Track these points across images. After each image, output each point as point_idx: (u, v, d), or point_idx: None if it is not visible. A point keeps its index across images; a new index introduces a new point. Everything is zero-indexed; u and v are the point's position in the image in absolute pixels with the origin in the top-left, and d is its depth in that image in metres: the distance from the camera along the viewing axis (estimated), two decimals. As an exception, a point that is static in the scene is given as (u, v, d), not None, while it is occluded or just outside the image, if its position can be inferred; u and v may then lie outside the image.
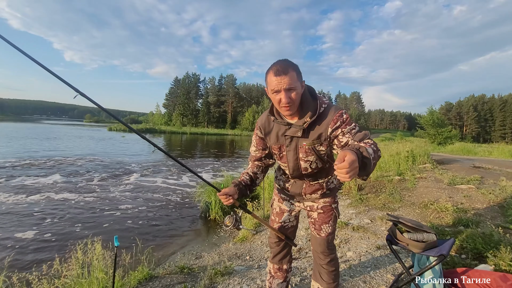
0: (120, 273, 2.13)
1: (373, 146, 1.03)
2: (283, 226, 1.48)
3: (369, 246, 2.67)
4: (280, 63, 1.07)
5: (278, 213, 1.50)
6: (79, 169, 8.76)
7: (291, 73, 1.05)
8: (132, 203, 5.55)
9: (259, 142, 1.40)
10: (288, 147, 1.25)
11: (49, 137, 20.18)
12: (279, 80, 1.05)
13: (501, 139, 65.98)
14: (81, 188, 6.52)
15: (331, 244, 1.41)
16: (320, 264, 1.41)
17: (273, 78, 1.06)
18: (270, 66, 1.10)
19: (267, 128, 1.32)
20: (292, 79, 1.05)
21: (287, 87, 1.05)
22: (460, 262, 2.10)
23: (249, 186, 1.39)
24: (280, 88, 1.06)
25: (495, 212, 3.42)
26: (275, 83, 1.06)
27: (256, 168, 1.44)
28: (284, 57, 1.14)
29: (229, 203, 1.31)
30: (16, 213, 4.62)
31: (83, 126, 53.23)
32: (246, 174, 1.42)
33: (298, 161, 1.26)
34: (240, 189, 1.33)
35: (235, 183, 1.36)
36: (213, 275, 2.18)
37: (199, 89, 77.19)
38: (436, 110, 21.48)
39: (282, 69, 1.05)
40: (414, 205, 3.97)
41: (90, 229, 4.13)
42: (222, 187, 4.60)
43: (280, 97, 1.08)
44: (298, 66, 1.11)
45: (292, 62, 1.10)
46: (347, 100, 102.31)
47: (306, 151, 1.22)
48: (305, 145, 1.20)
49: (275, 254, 1.53)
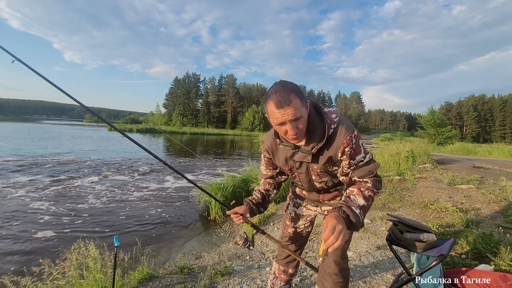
0: (120, 273, 2.12)
1: (368, 191, 1.01)
2: (297, 232, 1.44)
3: (369, 246, 2.67)
4: (280, 93, 0.93)
5: (294, 218, 1.44)
6: (79, 169, 8.76)
7: (295, 101, 0.92)
8: (132, 203, 5.55)
9: (268, 163, 1.33)
10: (299, 169, 1.18)
11: (49, 137, 20.17)
12: (282, 113, 0.93)
13: (501, 139, 66.03)
14: (81, 188, 6.52)
15: (345, 253, 1.31)
16: (329, 273, 1.29)
17: (275, 110, 0.93)
18: (268, 95, 0.97)
19: (275, 150, 1.24)
20: (296, 108, 0.92)
21: (292, 118, 0.93)
22: (460, 262, 2.10)
23: (261, 204, 1.35)
24: (285, 120, 0.94)
25: (495, 212, 3.42)
26: (277, 115, 0.94)
27: (268, 185, 1.39)
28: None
29: (240, 222, 1.26)
30: (16, 213, 4.62)
31: (83, 126, 53.18)
32: (258, 192, 1.37)
33: (312, 182, 1.21)
34: (251, 208, 1.29)
35: (246, 201, 1.31)
36: (213, 275, 2.17)
37: (199, 89, 77.20)
38: (436, 110, 21.51)
39: (283, 99, 0.91)
40: (414, 205, 3.97)
41: (90, 229, 4.13)
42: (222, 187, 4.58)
43: (286, 129, 0.98)
44: (299, 89, 0.97)
45: (292, 86, 0.96)
46: (347, 100, 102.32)
47: (318, 174, 1.16)
48: (316, 168, 1.14)
49: (282, 256, 1.48)
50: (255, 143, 27.69)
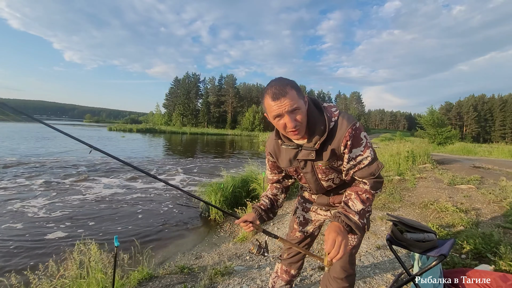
0: (120, 273, 2.12)
1: (366, 194, 1.02)
2: (305, 236, 1.42)
3: (369, 246, 2.67)
4: (275, 85, 0.94)
5: (302, 223, 1.42)
6: (78, 169, 8.76)
7: (290, 92, 0.93)
8: (132, 203, 5.55)
9: (273, 166, 1.32)
10: (304, 169, 1.16)
11: (50, 137, 20.15)
12: (279, 104, 0.93)
13: (501, 139, 66.05)
14: (81, 188, 6.52)
15: (353, 258, 1.26)
16: (334, 277, 1.25)
17: (272, 103, 0.93)
18: (265, 90, 0.98)
19: (277, 152, 1.23)
20: (293, 98, 0.93)
21: (289, 109, 0.93)
22: (460, 262, 2.10)
23: (270, 210, 1.32)
24: (282, 112, 0.94)
25: (495, 212, 3.42)
26: (274, 108, 0.94)
27: (275, 189, 1.36)
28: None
29: (250, 230, 1.23)
30: (15, 213, 4.62)
31: (83, 126, 53.20)
32: (266, 197, 1.34)
33: (319, 181, 1.19)
34: (260, 214, 1.26)
35: (255, 208, 1.29)
36: (213, 275, 2.18)
37: (199, 89, 77.23)
38: (436, 110, 21.50)
39: (279, 91, 0.92)
40: (414, 205, 3.97)
41: (90, 229, 4.13)
42: (222, 187, 4.57)
43: (284, 122, 0.96)
44: (295, 82, 0.98)
45: (288, 79, 0.98)
46: (347, 100, 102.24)
47: (324, 171, 1.13)
48: (321, 165, 1.11)
49: (286, 256, 1.46)
50: (255, 143, 27.69)
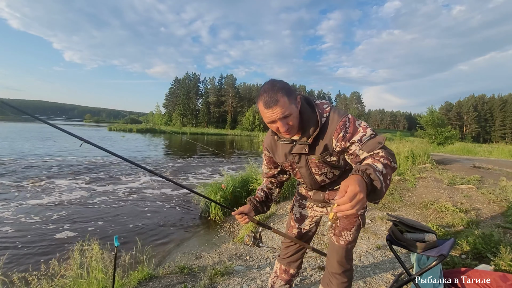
0: (120, 273, 2.12)
1: (383, 159, 0.90)
2: (302, 232, 1.44)
3: (369, 246, 2.67)
4: (267, 93, 0.99)
5: (299, 219, 1.45)
6: (78, 169, 8.76)
7: (282, 100, 0.97)
8: (132, 203, 5.55)
9: (269, 161, 1.37)
10: (299, 163, 1.21)
11: (50, 137, 20.16)
12: (271, 112, 0.99)
13: (501, 139, 66.13)
14: (81, 188, 6.52)
15: (350, 253, 1.29)
16: (332, 273, 1.28)
17: (265, 110, 1.00)
18: (258, 95, 1.03)
19: (274, 148, 1.28)
20: (284, 106, 0.98)
21: (281, 116, 0.99)
22: (460, 262, 2.10)
23: (264, 203, 1.37)
24: (274, 119, 1.00)
25: (495, 212, 3.42)
26: (267, 115, 1.00)
27: (270, 183, 1.42)
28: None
29: (246, 222, 1.28)
30: (14, 213, 4.62)
31: (83, 126, 53.20)
32: (261, 191, 1.39)
33: (312, 175, 1.23)
34: (255, 206, 1.31)
35: (250, 200, 1.33)
36: (213, 275, 2.18)
37: (199, 89, 77.34)
38: (436, 110, 21.53)
39: (270, 99, 0.97)
40: (414, 205, 3.97)
41: (90, 229, 4.13)
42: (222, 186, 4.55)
43: (277, 126, 1.03)
44: (287, 86, 1.02)
45: (280, 85, 1.01)
46: (347, 100, 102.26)
47: (317, 165, 1.17)
48: (314, 159, 1.15)
49: (285, 256, 1.48)
50: (255, 143, 27.69)
